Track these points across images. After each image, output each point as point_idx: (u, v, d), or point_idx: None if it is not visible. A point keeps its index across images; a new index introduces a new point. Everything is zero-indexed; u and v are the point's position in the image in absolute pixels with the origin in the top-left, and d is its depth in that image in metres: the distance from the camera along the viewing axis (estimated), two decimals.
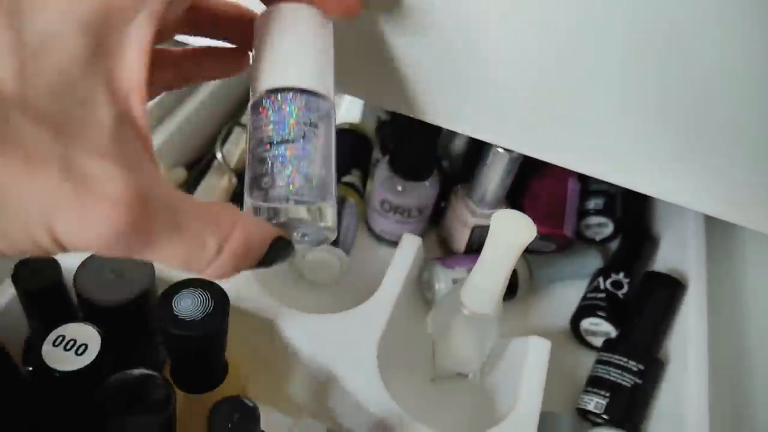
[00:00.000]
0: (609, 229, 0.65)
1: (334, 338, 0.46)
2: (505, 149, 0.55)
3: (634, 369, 0.50)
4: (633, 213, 0.66)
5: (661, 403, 0.51)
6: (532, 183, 0.64)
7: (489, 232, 0.45)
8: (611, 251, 0.66)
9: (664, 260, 0.61)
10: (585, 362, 0.57)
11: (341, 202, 0.60)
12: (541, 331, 0.56)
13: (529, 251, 0.64)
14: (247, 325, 0.47)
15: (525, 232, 0.44)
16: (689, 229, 0.60)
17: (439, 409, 0.52)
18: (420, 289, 0.60)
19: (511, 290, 0.59)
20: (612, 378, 0.51)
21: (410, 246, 0.54)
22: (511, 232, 0.43)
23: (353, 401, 0.44)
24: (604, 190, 0.65)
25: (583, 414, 0.52)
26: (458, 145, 0.67)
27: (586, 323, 0.57)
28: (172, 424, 0.34)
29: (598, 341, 0.57)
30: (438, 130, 0.57)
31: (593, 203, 0.65)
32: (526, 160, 0.60)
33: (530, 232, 0.43)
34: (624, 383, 0.50)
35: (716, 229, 0.63)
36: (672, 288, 0.55)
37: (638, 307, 0.55)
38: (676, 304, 0.54)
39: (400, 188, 0.58)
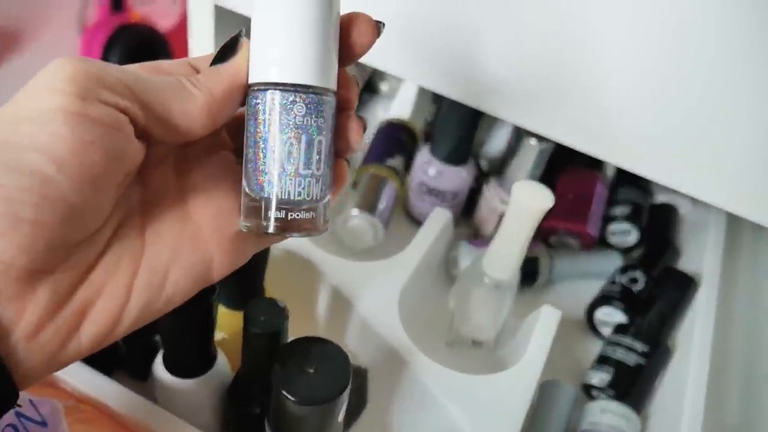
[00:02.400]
0: (633, 237, 0.68)
1: (358, 277, 0.52)
2: (536, 141, 0.60)
3: (640, 350, 0.53)
4: (658, 225, 0.69)
5: (664, 387, 0.53)
6: (561, 181, 0.68)
7: (510, 200, 0.49)
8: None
9: (682, 267, 0.64)
10: (596, 352, 0.59)
11: (383, 182, 0.65)
12: None
13: (553, 246, 0.68)
14: (291, 267, 0.53)
15: (543, 199, 0.48)
16: (710, 240, 0.63)
17: (450, 363, 0.55)
18: (446, 268, 0.64)
19: (532, 277, 0.63)
20: (618, 356, 0.53)
21: (439, 217, 0.59)
22: (531, 198, 0.48)
23: (370, 329, 0.49)
24: (631, 200, 0.69)
25: (588, 391, 0.54)
26: (496, 147, 0.72)
27: (600, 313, 0.60)
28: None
29: (610, 332, 0.60)
30: (477, 119, 0.62)
31: (620, 210, 0.68)
32: (558, 159, 0.65)
33: (548, 199, 0.48)
34: (628, 362, 0.53)
35: (739, 242, 0.66)
36: (685, 283, 0.58)
37: (650, 297, 0.58)
38: (687, 298, 0.57)
39: (437, 171, 0.63)
